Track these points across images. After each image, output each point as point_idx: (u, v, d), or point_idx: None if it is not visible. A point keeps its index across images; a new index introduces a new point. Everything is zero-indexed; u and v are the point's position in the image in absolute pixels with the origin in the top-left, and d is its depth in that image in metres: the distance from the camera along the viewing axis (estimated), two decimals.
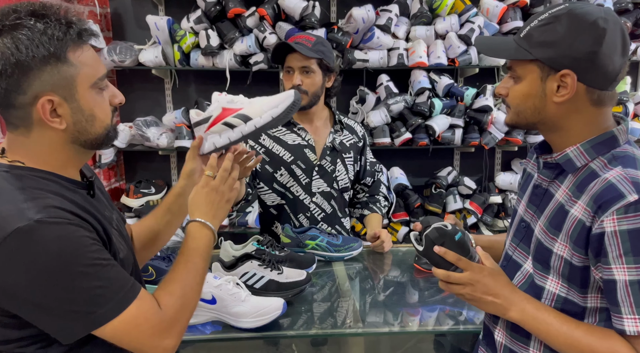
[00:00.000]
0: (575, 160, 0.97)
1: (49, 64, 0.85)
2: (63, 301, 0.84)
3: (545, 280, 1.01)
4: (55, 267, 0.82)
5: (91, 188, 1.01)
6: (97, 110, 0.93)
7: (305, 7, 2.76)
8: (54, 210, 0.84)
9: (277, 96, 1.26)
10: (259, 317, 1.35)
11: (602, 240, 0.89)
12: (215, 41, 2.77)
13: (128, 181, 3.19)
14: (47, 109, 0.87)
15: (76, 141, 0.93)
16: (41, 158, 0.92)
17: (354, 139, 2.05)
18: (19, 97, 0.85)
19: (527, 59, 0.96)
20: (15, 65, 0.83)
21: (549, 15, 0.94)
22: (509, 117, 1.05)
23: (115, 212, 1.13)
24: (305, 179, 1.95)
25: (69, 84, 0.88)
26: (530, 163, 1.18)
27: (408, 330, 1.45)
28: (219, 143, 1.23)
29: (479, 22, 2.85)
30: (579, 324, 0.96)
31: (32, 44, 0.83)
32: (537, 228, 1.03)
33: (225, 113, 1.24)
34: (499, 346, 1.12)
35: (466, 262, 1.01)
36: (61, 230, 0.83)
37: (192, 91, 3.14)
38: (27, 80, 0.85)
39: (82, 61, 0.89)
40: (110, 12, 3.00)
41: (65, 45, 0.86)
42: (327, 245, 1.85)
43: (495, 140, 2.97)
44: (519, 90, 0.99)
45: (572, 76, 0.91)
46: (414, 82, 2.94)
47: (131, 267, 1.06)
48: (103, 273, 0.86)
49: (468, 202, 3.08)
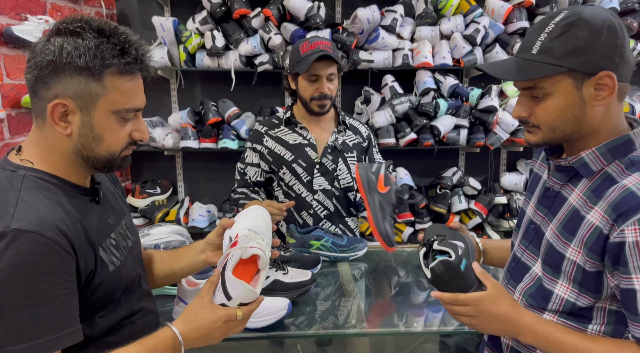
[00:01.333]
0: (591, 164, 0.96)
1: (80, 75, 0.89)
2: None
3: (554, 284, 1.00)
4: (1, 280, 0.80)
5: (96, 194, 1.02)
6: (107, 134, 0.94)
7: (310, 7, 2.76)
8: (36, 220, 0.84)
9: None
10: (264, 317, 1.35)
11: (621, 249, 0.88)
12: (221, 42, 2.78)
13: (134, 181, 3.20)
14: (57, 111, 0.90)
15: (79, 153, 0.95)
16: (50, 159, 0.95)
17: (357, 139, 2.06)
18: (43, 89, 0.90)
19: (558, 73, 0.91)
20: (49, 63, 0.88)
21: (559, 25, 0.92)
22: (539, 136, 0.99)
23: (126, 218, 1.13)
24: (307, 177, 1.97)
25: (91, 99, 0.91)
26: (537, 163, 1.17)
27: (413, 330, 1.45)
28: None
29: (484, 22, 2.84)
30: (595, 340, 0.95)
31: (76, 52, 0.88)
32: (549, 231, 1.02)
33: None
34: (506, 347, 1.12)
35: (464, 298, 1.00)
36: (30, 246, 0.81)
37: (197, 92, 3.15)
38: (54, 79, 0.89)
39: (116, 87, 0.92)
40: (117, 13, 3.02)
41: (106, 66, 0.90)
42: (332, 246, 1.85)
43: (500, 141, 2.96)
44: (553, 105, 0.94)
45: (611, 76, 0.90)
46: (419, 82, 2.94)
47: (126, 278, 1.03)
48: (36, 310, 0.82)
49: (473, 203, 3.08)
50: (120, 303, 1.03)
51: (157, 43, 2.91)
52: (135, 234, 1.16)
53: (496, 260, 1.29)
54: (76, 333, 0.87)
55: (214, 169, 3.22)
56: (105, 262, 0.97)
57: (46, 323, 0.83)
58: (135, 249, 1.14)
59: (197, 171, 3.24)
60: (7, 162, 0.94)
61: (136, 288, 1.10)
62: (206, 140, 2.90)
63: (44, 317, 0.83)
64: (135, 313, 1.07)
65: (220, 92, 3.06)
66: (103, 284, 0.96)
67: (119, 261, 1.02)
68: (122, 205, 1.15)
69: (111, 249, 1.01)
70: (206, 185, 3.26)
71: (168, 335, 0.97)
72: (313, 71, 1.86)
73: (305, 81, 1.90)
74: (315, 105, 1.92)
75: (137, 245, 1.17)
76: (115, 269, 1.00)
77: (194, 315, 1.00)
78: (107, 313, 1.00)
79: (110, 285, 0.99)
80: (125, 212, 1.15)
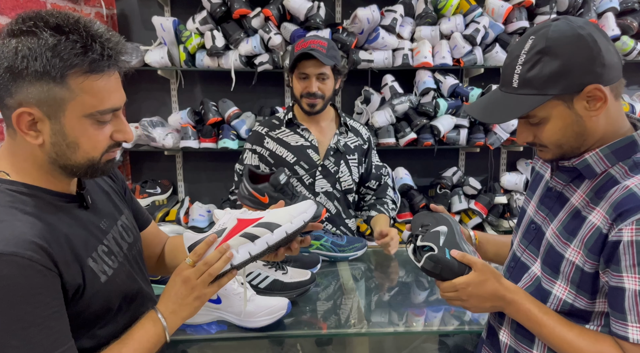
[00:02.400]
0: (595, 166, 0.96)
1: (40, 80, 0.80)
2: None
3: (552, 285, 1.01)
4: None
5: (83, 200, 0.96)
6: (83, 140, 0.86)
7: (310, 7, 2.76)
8: (13, 240, 0.78)
9: (301, 205, 1.13)
10: (263, 317, 1.36)
11: (616, 248, 0.88)
12: (221, 42, 2.78)
13: (134, 181, 3.21)
14: (23, 120, 0.82)
15: (55, 163, 0.87)
16: (27, 168, 0.88)
17: (358, 141, 2.06)
18: (6, 97, 0.82)
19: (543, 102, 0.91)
20: (6, 69, 0.80)
21: (530, 54, 0.91)
22: (550, 154, 1.00)
23: (122, 217, 1.08)
24: (309, 179, 1.96)
25: (57, 105, 0.82)
26: (540, 162, 1.17)
27: (413, 330, 1.45)
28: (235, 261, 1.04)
29: (484, 22, 2.84)
30: (572, 327, 0.97)
31: (32, 55, 0.79)
32: (549, 231, 1.03)
33: (243, 224, 1.08)
34: (504, 347, 1.12)
35: (449, 284, 1.05)
36: (9, 269, 0.76)
37: (197, 92, 3.15)
38: (14, 86, 0.81)
39: (83, 88, 0.83)
40: (117, 13, 3.02)
41: (68, 67, 0.80)
42: (331, 246, 1.86)
43: (500, 141, 2.96)
44: (552, 128, 0.95)
45: (598, 88, 0.89)
46: (419, 82, 2.94)
47: (122, 286, 0.99)
48: (27, 333, 0.78)
49: (473, 203, 3.08)
50: (121, 310, 0.99)
51: (157, 43, 2.91)
52: (134, 232, 1.11)
53: (490, 253, 1.32)
54: (71, 349, 0.84)
55: (214, 168, 3.22)
56: (96, 274, 0.92)
57: (39, 345, 0.79)
58: (134, 249, 1.09)
59: (197, 171, 3.24)
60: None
61: (137, 294, 1.05)
62: (206, 140, 2.90)
63: (36, 339, 0.79)
64: (138, 319, 1.01)
65: (221, 92, 3.06)
66: (96, 296, 0.91)
67: (112, 269, 0.97)
68: (118, 203, 1.09)
69: (103, 257, 0.95)
70: (206, 185, 3.26)
71: (149, 316, 0.98)
72: (302, 69, 1.88)
73: (296, 79, 1.92)
74: (305, 102, 1.91)
75: (137, 244, 1.11)
76: (108, 279, 0.95)
77: (167, 290, 1.01)
78: (107, 323, 0.96)
79: (104, 296, 0.94)
80: (122, 211, 1.09)
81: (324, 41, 1.88)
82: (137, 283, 1.06)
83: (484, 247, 1.31)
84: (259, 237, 1.05)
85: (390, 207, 2.13)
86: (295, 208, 1.11)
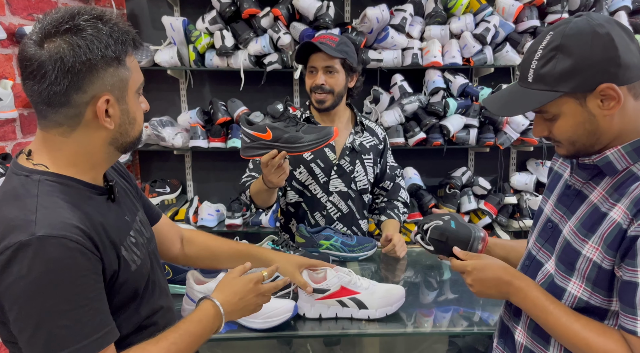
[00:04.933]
0: (616, 163, 0.95)
1: (112, 65, 0.88)
2: (27, 327, 0.81)
3: (567, 282, 1.00)
4: (35, 291, 0.80)
5: (112, 192, 1.01)
6: (138, 114, 0.97)
7: (320, 7, 2.76)
8: (60, 225, 0.83)
9: (394, 294, 1.43)
10: (268, 319, 1.36)
11: (634, 242, 0.88)
12: (230, 41, 2.79)
13: (143, 180, 3.22)
14: (103, 109, 0.89)
15: (114, 142, 0.95)
16: (68, 161, 0.92)
17: (374, 140, 2.05)
18: (77, 95, 0.86)
19: (554, 98, 0.92)
20: (84, 63, 0.85)
21: (546, 50, 0.91)
22: (564, 150, 1.00)
23: (139, 213, 1.12)
24: (324, 178, 1.96)
25: (123, 86, 0.91)
26: (558, 162, 1.16)
27: (422, 331, 1.44)
28: (324, 314, 1.41)
29: (494, 21, 2.82)
30: (578, 317, 0.96)
31: (102, 44, 0.86)
32: (567, 229, 1.02)
33: (343, 292, 1.40)
34: (519, 347, 1.11)
35: (460, 264, 1.12)
36: (59, 252, 0.81)
37: (206, 91, 3.16)
38: (90, 79, 0.87)
39: (133, 67, 0.93)
40: (127, 13, 3.04)
41: (125, 49, 0.90)
42: (341, 245, 1.85)
43: (510, 140, 2.94)
44: (564, 125, 0.95)
45: (611, 87, 0.89)
46: (429, 81, 2.93)
47: (146, 276, 1.05)
48: (75, 313, 0.82)
49: (483, 203, 3.06)
50: (143, 301, 1.03)
51: (166, 43, 2.92)
52: (150, 230, 1.15)
53: (498, 257, 1.29)
54: (114, 330, 0.89)
55: (223, 168, 3.23)
56: (127, 262, 0.96)
57: (87, 325, 0.83)
58: (151, 245, 1.13)
59: (206, 170, 3.26)
60: (19, 167, 0.91)
61: (156, 286, 1.09)
62: (215, 139, 2.91)
63: (85, 319, 0.83)
64: (157, 312, 1.07)
65: (230, 92, 3.07)
66: (127, 284, 0.96)
67: (140, 259, 1.01)
68: (134, 200, 1.14)
69: (132, 248, 1.00)
70: (215, 185, 3.27)
71: (209, 305, 1.06)
72: (311, 63, 1.89)
73: (307, 74, 1.93)
74: (314, 98, 1.91)
75: (153, 240, 1.15)
76: (137, 268, 0.99)
77: (228, 283, 1.12)
78: (132, 314, 1.00)
79: (133, 284, 0.99)
80: (138, 208, 1.14)
81: (336, 37, 1.88)
82: (156, 276, 1.11)
83: (492, 250, 1.30)
84: (348, 308, 1.40)
85: (402, 211, 2.11)
86: (387, 299, 1.41)
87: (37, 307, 0.80)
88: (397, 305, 1.43)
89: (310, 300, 1.41)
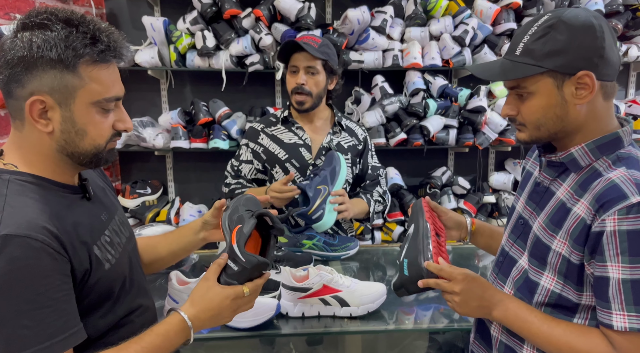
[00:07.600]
0: (580, 160, 0.99)
1: (55, 68, 0.86)
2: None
3: (540, 276, 1.03)
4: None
5: (85, 191, 1.00)
6: (90, 128, 0.92)
7: (301, 8, 2.77)
8: (26, 224, 0.82)
9: (376, 291, 1.46)
10: (252, 317, 1.36)
11: (600, 238, 0.91)
12: (211, 42, 2.78)
13: (124, 181, 3.19)
14: (35, 108, 0.88)
15: (63, 151, 0.92)
16: (33, 160, 0.92)
17: (353, 141, 2.06)
18: (17, 88, 0.87)
19: (538, 73, 0.95)
20: (20, 59, 0.85)
21: (541, 27, 0.95)
22: (526, 134, 1.03)
23: (118, 212, 1.12)
24: (300, 178, 1.97)
25: (68, 93, 0.88)
26: (530, 161, 1.20)
27: (403, 328, 1.47)
28: (307, 313, 1.44)
29: (472, 23, 2.87)
30: (559, 323, 0.99)
31: (47, 45, 0.85)
32: (536, 224, 1.06)
33: (325, 291, 1.42)
34: (495, 341, 1.14)
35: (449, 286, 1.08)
36: (22, 251, 0.80)
37: (188, 92, 3.14)
38: (27, 76, 0.86)
39: (92, 77, 0.90)
40: (106, 12, 3.00)
41: (79, 56, 0.87)
42: (324, 245, 1.87)
43: (489, 141, 3.00)
44: (536, 104, 0.98)
45: (590, 75, 0.93)
46: (409, 83, 2.97)
47: (122, 276, 1.03)
48: (38, 314, 0.81)
49: (462, 202, 3.11)
50: (119, 300, 1.02)
51: (147, 43, 2.90)
52: (129, 229, 1.15)
53: (481, 244, 1.37)
54: (80, 332, 0.88)
55: (205, 169, 3.22)
56: (100, 260, 0.96)
57: (51, 326, 0.82)
58: (130, 244, 1.12)
59: (187, 171, 3.24)
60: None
61: (133, 285, 1.09)
62: (197, 140, 2.90)
63: (48, 320, 0.82)
64: (134, 311, 1.07)
65: (211, 92, 3.06)
66: (99, 283, 0.96)
67: (114, 258, 1.01)
68: (113, 200, 1.13)
69: (106, 247, 0.99)
70: (197, 186, 3.26)
71: (177, 320, 0.99)
72: (292, 62, 1.90)
73: (288, 74, 1.94)
74: (294, 99, 1.92)
75: (132, 240, 1.15)
76: (111, 267, 0.99)
77: (201, 297, 1.02)
78: (106, 312, 0.99)
79: (107, 283, 0.98)
80: (117, 207, 1.13)
81: (319, 38, 1.90)
82: (134, 275, 1.10)
83: (476, 238, 1.36)
84: (330, 306, 1.43)
85: (374, 199, 2.08)
86: (369, 296, 1.44)
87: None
88: (379, 302, 1.45)
89: (293, 299, 1.43)
